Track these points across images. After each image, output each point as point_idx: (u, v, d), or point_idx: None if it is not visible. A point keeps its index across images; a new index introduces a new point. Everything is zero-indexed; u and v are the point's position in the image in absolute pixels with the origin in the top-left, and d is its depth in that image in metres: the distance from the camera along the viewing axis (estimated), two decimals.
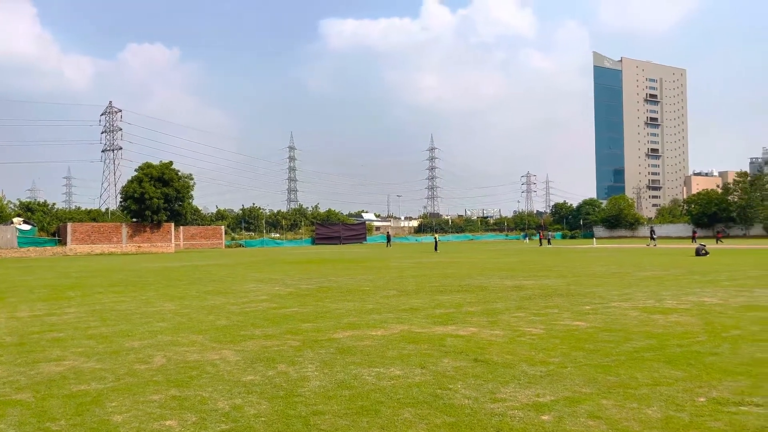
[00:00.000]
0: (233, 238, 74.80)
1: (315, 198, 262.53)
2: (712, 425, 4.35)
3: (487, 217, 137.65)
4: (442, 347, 7.39)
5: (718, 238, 57.41)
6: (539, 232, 68.86)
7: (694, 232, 62.21)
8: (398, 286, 16.01)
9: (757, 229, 79.39)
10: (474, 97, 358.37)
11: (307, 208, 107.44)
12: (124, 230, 56.06)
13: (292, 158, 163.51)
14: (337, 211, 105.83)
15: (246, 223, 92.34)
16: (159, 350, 7.62)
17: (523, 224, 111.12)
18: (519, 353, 6.95)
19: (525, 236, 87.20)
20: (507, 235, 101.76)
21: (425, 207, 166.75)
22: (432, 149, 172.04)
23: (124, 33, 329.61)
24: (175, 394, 5.52)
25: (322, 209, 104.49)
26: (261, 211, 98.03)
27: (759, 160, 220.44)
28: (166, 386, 5.80)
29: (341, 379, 5.90)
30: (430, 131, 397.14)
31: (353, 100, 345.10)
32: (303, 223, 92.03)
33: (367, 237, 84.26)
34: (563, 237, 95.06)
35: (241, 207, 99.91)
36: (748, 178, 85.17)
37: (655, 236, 53.48)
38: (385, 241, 66.49)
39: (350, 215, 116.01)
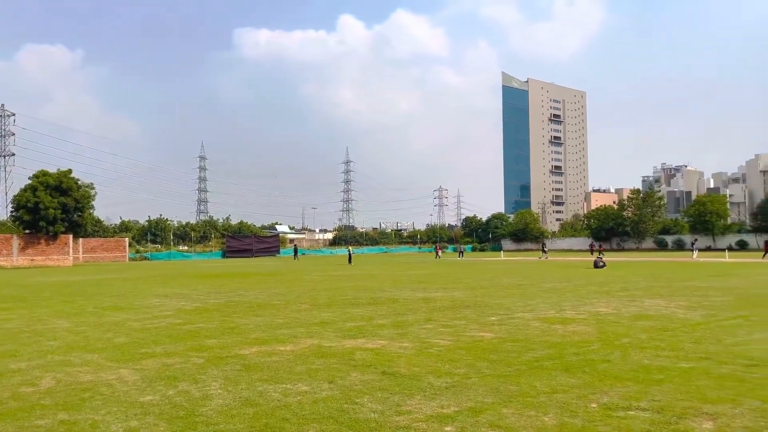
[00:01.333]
0: (138, 251, 71.45)
1: (226, 210, 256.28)
2: (602, 430, 4.59)
3: (401, 230, 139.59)
4: (351, 361, 7.37)
5: (599, 251, 61.00)
6: (435, 246, 70.36)
7: (592, 245, 65.89)
8: (310, 299, 15.86)
9: (648, 242, 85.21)
10: (389, 112, 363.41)
11: (218, 219, 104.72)
12: (15, 242, 52.15)
13: (202, 168, 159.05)
14: (249, 223, 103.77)
15: (152, 235, 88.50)
16: (48, 371, 7.12)
17: (436, 237, 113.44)
18: (426, 365, 7.05)
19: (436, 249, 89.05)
20: (420, 248, 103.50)
21: (340, 220, 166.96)
22: (348, 162, 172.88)
23: (20, 32, 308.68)
24: (64, 418, 5.17)
25: (234, 221, 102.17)
26: (168, 222, 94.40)
27: (650, 178, 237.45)
28: (54, 410, 5.42)
29: (246, 397, 5.74)
30: (346, 144, 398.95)
31: (268, 111, 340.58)
32: (213, 236, 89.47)
33: (281, 250, 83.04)
34: (473, 250, 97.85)
35: (148, 218, 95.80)
36: (641, 195, 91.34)
37: (546, 249, 56.35)
38: (293, 254, 65.73)
39: (263, 227, 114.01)
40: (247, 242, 79.85)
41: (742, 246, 75.32)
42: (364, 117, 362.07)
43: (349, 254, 50.25)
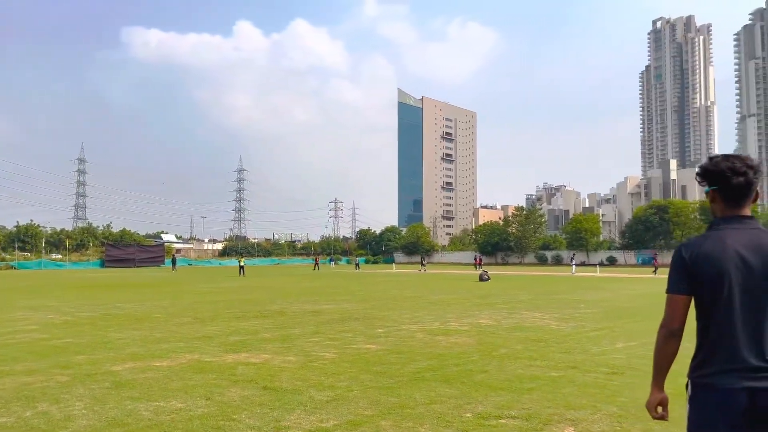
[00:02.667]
0: (3, 260, 65.46)
1: (108, 217, 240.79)
2: None
3: (295, 241, 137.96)
4: (232, 376, 7.15)
5: (479, 263, 63.85)
6: (314, 258, 70.47)
7: (476, 259, 68.61)
8: (194, 312, 15.25)
9: (530, 257, 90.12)
10: (286, 122, 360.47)
11: (98, 227, 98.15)
12: None
13: (81, 171, 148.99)
14: (132, 231, 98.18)
15: (21, 242, 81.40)
16: None
17: (330, 249, 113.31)
18: (309, 379, 6.98)
19: (331, 260, 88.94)
20: (313, 260, 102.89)
21: (232, 229, 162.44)
22: (240, 171, 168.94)
23: None
24: None
25: (116, 229, 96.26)
26: (40, 229, 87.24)
27: (533, 196, 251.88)
28: None
29: (113, 417, 5.40)
30: (240, 152, 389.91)
31: (158, 115, 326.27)
32: (92, 244, 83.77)
33: (166, 260, 79.26)
34: (366, 262, 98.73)
35: (16, 224, 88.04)
36: (524, 212, 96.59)
37: (425, 263, 58.29)
38: (171, 265, 63.05)
39: (148, 236, 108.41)
40: (129, 251, 75.52)
41: (612, 262, 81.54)
42: (259, 125, 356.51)
43: (241, 265, 48.97)
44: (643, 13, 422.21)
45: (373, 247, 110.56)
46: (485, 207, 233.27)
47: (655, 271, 44.10)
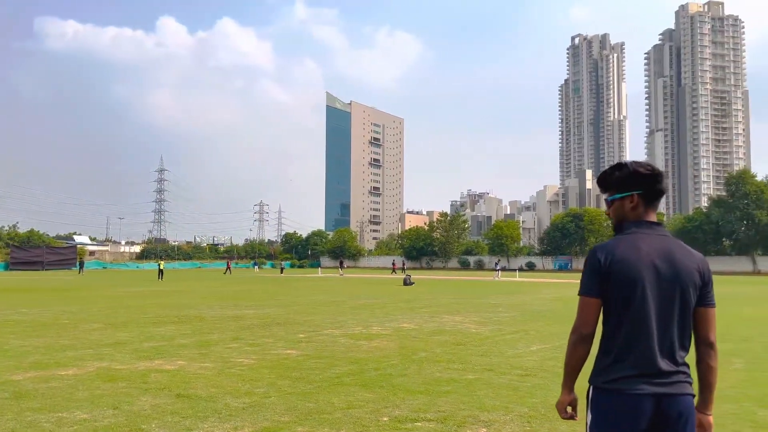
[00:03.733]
0: None
1: (14, 216, 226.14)
2: None
3: (218, 244, 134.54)
4: (144, 384, 6.87)
5: (401, 268, 64.64)
6: (227, 261, 69.28)
7: (401, 263, 69.20)
8: (106, 318, 14.56)
9: (453, 262, 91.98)
10: (211, 122, 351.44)
11: (2, 227, 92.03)
12: None
13: None
14: (42, 232, 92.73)
15: None
16: None
17: (254, 253, 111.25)
18: (225, 386, 6.81)
19: (255, 264, 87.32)
20: (236, 264, 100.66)
21: (151, 231, 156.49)
22: (161, 171, 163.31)
23: None
24: None
25: (23, 229, 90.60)
26: None
27: (457, 202, 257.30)
28: None
29: (11, 429, 5.06)
30: (161, 152, 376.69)
31: (73, 110, 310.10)
32: None
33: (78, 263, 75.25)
34: (292, 266, 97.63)
35: None
36: (448, 218, 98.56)
37: (344, 266, 58.57)
38: (78, 268, 60.11)
39: (59, 238, 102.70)
40: (36, 253, 71.24)
41: (531, 267, 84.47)
42: (183, 125, 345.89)
43: (160, 269, 47.19)
44: (563, 29, 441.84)
45: (299, 251, 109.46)
46: (412, 212, 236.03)
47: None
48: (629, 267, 2.28)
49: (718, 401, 6.10)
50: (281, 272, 61.35)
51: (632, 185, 2.42)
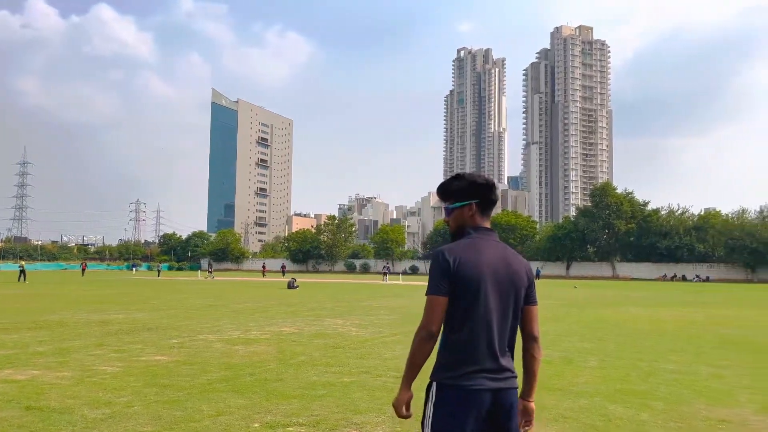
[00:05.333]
0: None
1: None
2: None
3: (88, 244, 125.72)
4: None
5: (264, 272, 64.11)
6: (82, 263, 65.76)
7: (264, 267, 68.17)
8: None
9: (340, 265, 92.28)
10: (86, 114, 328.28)
11: None
12: None
13: None
14: None
15: None
16: None
17: (129, 254, 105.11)
18: (83, 396, 6.33)
19: (133, 266, 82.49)
20: (108, 265, 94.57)
21: (10, 230, 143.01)
22: (24, 164, 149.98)
23: None
24: None
25: None
26: None
27: (345, 206, 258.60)
28: None
29: None
30: (24, 143, 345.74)
31: None
32: None
33: None
34: (171, 269, 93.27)
35: None
36: (336, 221, 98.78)
37: (212, 270, 57.25)
38: None
39: None
40: None
41: (414, 270, 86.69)
42: (52, 115, 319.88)
43: (22, 270, 43.15)
44: (450, 42, 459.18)
45: (179, 253, 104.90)
46: (299, 215, 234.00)
47: None
48: (474, 269, 2.42)
49: (572, 396, 6.56)
50: (158, 275, 58.38)
51: (471, 195, 2.59)
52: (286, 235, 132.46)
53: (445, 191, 2.66)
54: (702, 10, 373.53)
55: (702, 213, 78.28)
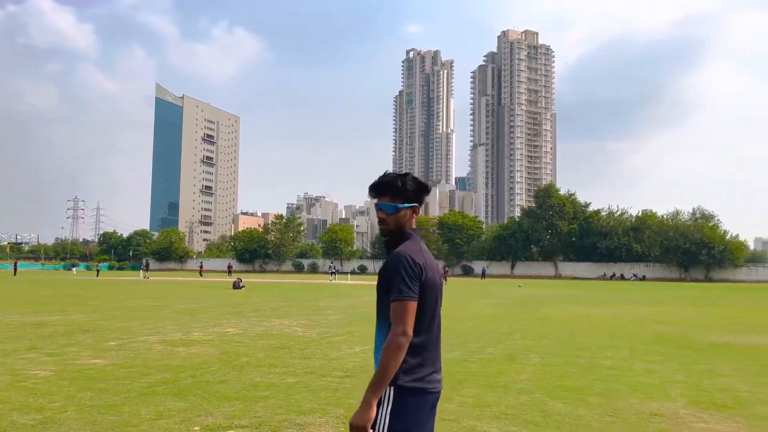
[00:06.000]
0: None
1: None
2: None
3: (21, 243, 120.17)
4: None
5: (201, 272, 63.13)
6: (14, 263, 63.34)
7: (201, 266, 66.99)
8: None
9: (287, 265, 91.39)
10: (20, 107, 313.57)
11: None
12: None
13: None
14: None
15: None
16: None
17: (66, 253, 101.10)
18: (13, 401, 6.05)
19: (72, 266, 79.34)
20: (43, 265, 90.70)
21: None
22: None
23: None
24: None
25: None
26: None
27: (293, 205, 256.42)
28: None
29: None
30: None
31: None
32: None
33: None
34: (111, 268, 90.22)
35: None
36: (284, 220, 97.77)
37: (147, 269, 55.96)
38: None
39: None
40: None
41: (363, 270, 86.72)
42: None
43: None
44: (400, 43, 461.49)
45: (120, 252, 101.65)
46: (246, 214, 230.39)
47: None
48: (435, 273, 2.46)
49: (514, 393, 6.68)
50: (97, 275, 56.40)
51: (418, 197, 2.58)
52: (233, 234, 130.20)
53: (394, 188, 2.56)
54: (640, 20, 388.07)
55: (639, 214, 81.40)
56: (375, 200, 2.62)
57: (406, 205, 2.56)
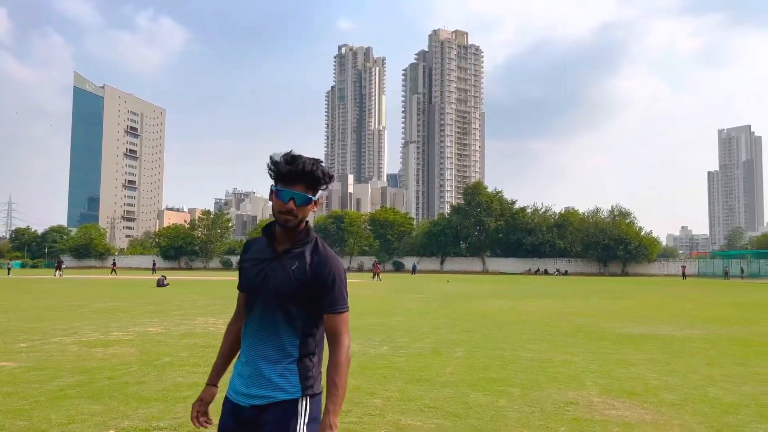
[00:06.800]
0: None
1: None
2: None
3: None
4: None
5: (113, 269, 60.90)
6: None
7: (114, 264, 64.65)
8: None
9: (215, 262, 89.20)
10: None
11: None
12: None
13: None
14: None
15: None
16: None
17: None
18: None
19: None
20: None
21: None
22: None
23: None
24: None
25: None
26: None
27: (222, 201, 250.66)
28: None
29: None
30: None
31: None
32: None
33: None
34: (24, 266, 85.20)
35: None
36: (211, 216, 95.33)
37: (62, 267, 53.47)
38: None
39: None
40: None
41: None
42: None
43: None
44: (331, 38, 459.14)
45: (34, 249, 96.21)
46: (172, 209, 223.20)
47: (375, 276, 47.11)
48: None
49: (438, 386, 6.80)
50: (8, 273, 53.14)
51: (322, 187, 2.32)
52: (157, 230, 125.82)
53: (312, 177, 2.23)
54: (563, 25, 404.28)
55: (563, 211, 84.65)
56: (281, 187, 2.22)
57: (315, 197, 2.27)
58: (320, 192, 2.31)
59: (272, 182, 2.26)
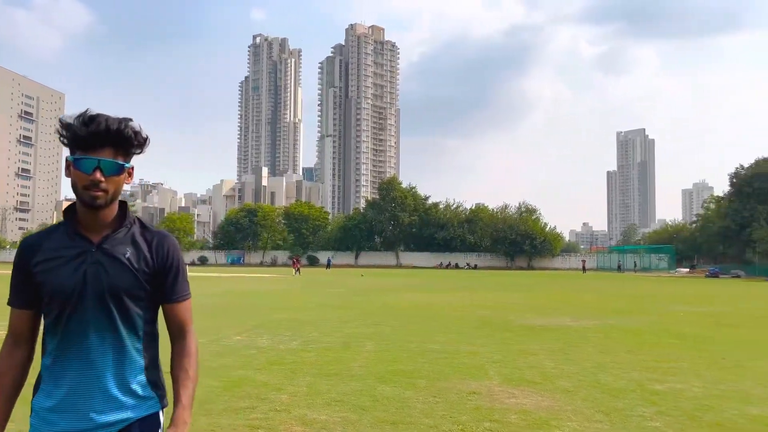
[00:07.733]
0: None
1: None
2: None
3: None
4: None
5: None
6: None
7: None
8: None
9: None
10: None
11: None
12: None
13: None
14: None
15: None
16: None
17: None
18: None
19: None
20: None
21: None
22: None
23: None
24: None
25: None
26: None
27: (127, 192, 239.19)
28: None
29: None
30: None
31: None
32: None
33: None
34: None
35: None
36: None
37: None
38: None
39: None
40: None
41: (203, 261, 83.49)
42: None
43: None
44: (245, 27, 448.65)
45: None
46: (70, 200, 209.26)
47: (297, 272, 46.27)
48: None
49: (347, 380, 6.82)
50: None
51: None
52: (55, 222, 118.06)
53: (121, 137, 1.77)
54: (475, 26, 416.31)
55: (473, 207, 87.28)
56: (81, 155, 1.75)
57: (129, 164, 1.84)
58: (133, 158, 1.85)
59: (68, 152, 1.79)
